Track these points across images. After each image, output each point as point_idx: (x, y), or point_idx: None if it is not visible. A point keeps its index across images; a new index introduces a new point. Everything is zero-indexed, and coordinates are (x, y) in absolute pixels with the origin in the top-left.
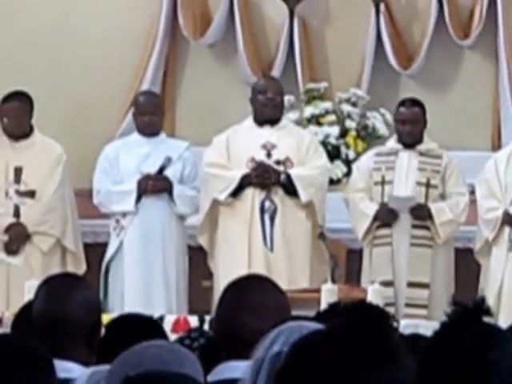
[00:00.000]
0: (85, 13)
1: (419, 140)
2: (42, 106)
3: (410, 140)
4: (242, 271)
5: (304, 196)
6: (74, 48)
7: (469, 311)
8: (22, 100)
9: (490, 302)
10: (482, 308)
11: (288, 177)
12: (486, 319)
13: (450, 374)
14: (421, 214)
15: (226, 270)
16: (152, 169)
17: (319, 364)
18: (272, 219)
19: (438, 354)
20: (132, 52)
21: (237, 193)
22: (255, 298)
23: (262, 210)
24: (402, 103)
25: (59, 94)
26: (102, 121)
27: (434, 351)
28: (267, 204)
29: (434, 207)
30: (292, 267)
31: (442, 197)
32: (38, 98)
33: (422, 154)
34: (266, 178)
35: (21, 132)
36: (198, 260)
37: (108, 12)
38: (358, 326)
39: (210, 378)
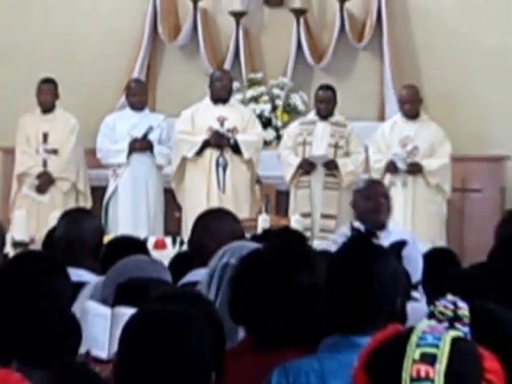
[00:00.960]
0: (94, 23)
1: (331, 114)
2: (65, 87)
3: (325, 114)
4: (203, 207)
5: (246, 155)
6: (87, 47)
7: (362, 235)
8: (53, 83)
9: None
10: (371, 233)
11: (235, 141)
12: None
13: (346, 279)
14: (331, 166)
15: (192, 205)
16: (139, 134)
17: (256, 282)
18: (224, 170)
19: (338, 264)
20: (126, 51)
21: (199, 152)
22: (215, 226)
23: (217, 164)
24: (321, 88)
25: (76, 79)
26: (104, 99)
27: (336, 262)
28: (221, 160)
29: (340, 162)
30: (237, 203)
31: (346, 154)
32: (62, 81)
33: (332, 124)
34: (221, 141)
35: (50, 106)
36: (171, 198)
37: (109, 23)
38: (284, 247)
39: (182, 280)
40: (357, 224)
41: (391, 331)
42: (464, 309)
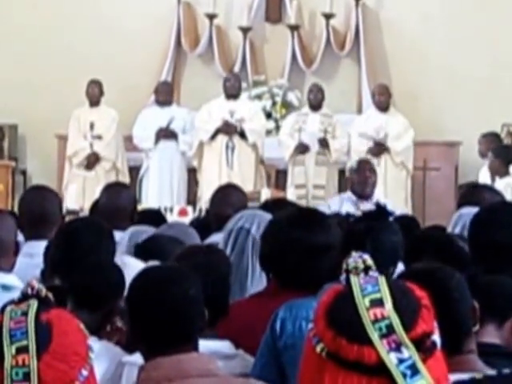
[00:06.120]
0: (132, 38)
1: (320, 107)
2: (109, 86)
3: (314, 103)
4: (215, 180)
5: (250, 140)
6: (126, 56)
7: (379, 209)
8: (99, 83)
9: None
10: (385, 209)
11: (242, 129)
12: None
13: (356, 243)
14: (323, 143)
15: (207, 179)
16: (164, 124)
17: (280, 239)
18: (232, 152)
19: (354, 230)
20: (156, 59)
21: (213, 137)
22: (227, 196)
23: (227, 147)
24: (312, 85)
25: (117, 81)
26: (139, 96)
27: (353, 229)
28: (230, 144)
29: (330, 141)
30: (243, 178)
31: (333, 138)
32: (107, 82)
33: (321, 115)
34: (229, 129)
35: (96, 101)
36: (192, 176)
37: (143, 37)
38: (301, 213)
39: (205, 241)
40: (382, 201)
41: (334, 290)
42: (369, 259)
